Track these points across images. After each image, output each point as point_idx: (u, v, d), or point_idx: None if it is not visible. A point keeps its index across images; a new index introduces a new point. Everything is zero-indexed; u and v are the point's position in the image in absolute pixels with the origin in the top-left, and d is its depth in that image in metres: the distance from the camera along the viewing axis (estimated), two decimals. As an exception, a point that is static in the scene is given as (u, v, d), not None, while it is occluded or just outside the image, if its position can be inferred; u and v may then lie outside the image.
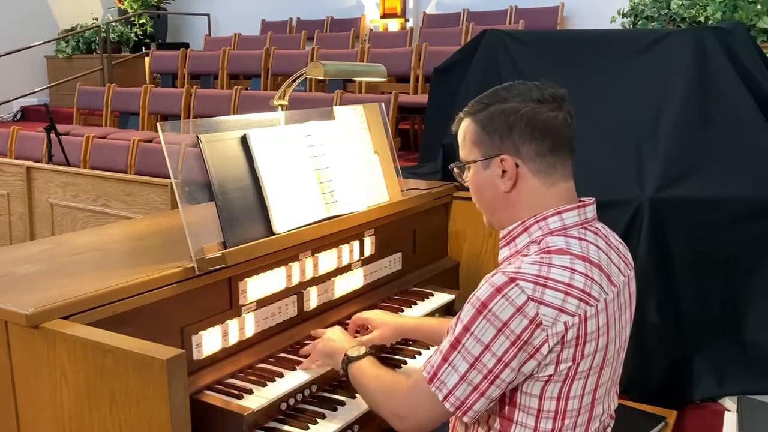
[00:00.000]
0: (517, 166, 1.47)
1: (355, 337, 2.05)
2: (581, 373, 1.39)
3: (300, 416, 1.76)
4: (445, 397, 1.40)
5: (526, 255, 1.43)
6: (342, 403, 1.82)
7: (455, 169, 1.60)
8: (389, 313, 2.12)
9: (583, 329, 1.36)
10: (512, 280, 1.35)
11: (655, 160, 2.66)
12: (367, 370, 1.66)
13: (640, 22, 6.00)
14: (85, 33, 10.07)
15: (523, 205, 1.49)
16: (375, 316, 2.06)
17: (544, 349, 1.34)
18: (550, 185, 1.48)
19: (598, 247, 1.45)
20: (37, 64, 10.04)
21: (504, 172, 1.48)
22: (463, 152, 1.56)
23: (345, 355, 1.71)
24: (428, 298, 2.44)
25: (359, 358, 1.69)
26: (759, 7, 5.37)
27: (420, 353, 2.13)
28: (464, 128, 1.55)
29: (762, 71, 2.97)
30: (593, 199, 1.53)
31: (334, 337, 1.82)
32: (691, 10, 5.60)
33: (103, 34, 9.59)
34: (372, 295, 2.33)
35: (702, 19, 5.52)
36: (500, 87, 1.52)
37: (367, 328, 2.05)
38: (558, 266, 1.37)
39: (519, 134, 1.45)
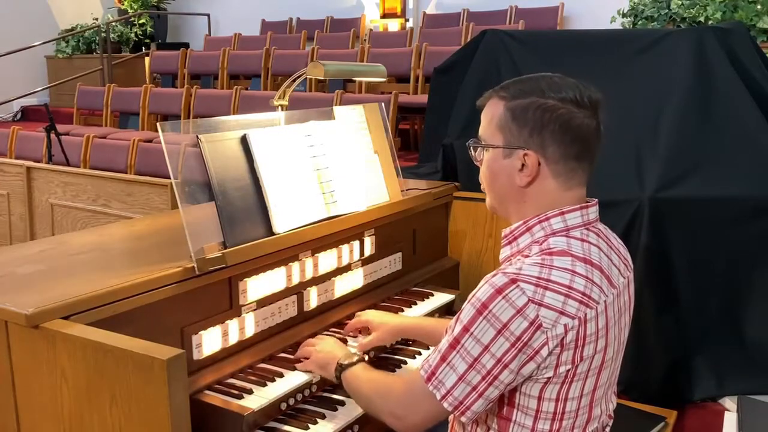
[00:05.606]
0: (539, 164, 1.44)
1: (356, 338, 2.06)
2: (580, 375, 1.39)
3: (300, 416, 1.76)
4: (443, 397, 1.40)
5: (527, 255, 1.42)
6: (342, 403, 1.82)
7: (471, 145, 1.55)
8: (388, 314, 2.12)
9: (583, 331, 1.35)
10: (513, 281, 1.34)
11: (655, 160, 2.66)
12: (361, 375, 1.66)
13: (640, 22, 6.00)
14: (85, 33, 10.07)
15: (534, 203, 1.47)
16: (374, 317, 2.06)
17: (544, 352, 1.34)
18: (566, 190, 1.46)
19: (600, 248, 1.44)
20: (37, 64, 10.03)
21: (523, 166, 1.45)
22: (485, 133, 1.50)
23: (337, 363, 1.72)
24: (428, 298, 2.44)
25: (351, 365, 1.69)
26: (759, 7, 5.37)
27: (420, 353, 2.13)
28: (493, 109, 1.49)
29: (762, 71, 2.97)
30: (596, 200, 1.52)
31: (326, 348, 1.82)
32: (691, 10, 5.60)
33: (103, 34, 9.59)
34: (372, 295, 2.33)
35: (702, 19, 5.52)
36: (540, 77, 1.46)
37: (368, 329, 2.05)
38: (559, 268, 1.36)
39: (550, 134, 1.42)
